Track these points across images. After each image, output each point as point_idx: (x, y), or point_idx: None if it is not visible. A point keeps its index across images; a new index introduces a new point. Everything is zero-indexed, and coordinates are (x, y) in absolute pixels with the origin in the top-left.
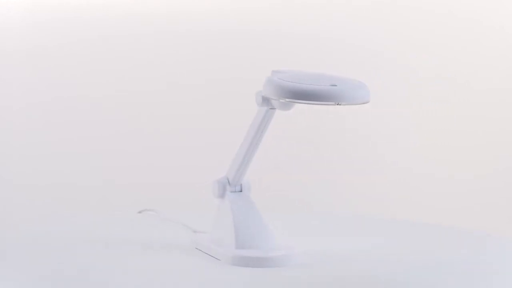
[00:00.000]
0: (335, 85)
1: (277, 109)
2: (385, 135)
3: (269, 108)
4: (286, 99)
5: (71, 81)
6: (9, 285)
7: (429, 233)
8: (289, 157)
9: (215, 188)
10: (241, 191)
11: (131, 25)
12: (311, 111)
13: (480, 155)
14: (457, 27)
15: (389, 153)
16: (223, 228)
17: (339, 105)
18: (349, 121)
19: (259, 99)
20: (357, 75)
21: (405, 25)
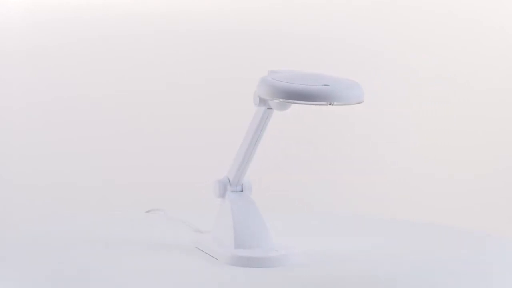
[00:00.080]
0: (328, 85)
1: (274, 109)
2: (385, 135)
3: (267, 108)
4: (279, 99)
5: (71, 81)
6: (9, 285)
7: (429, 233)
8: (289, 157)
9: (216, 187)
10: (242, 191)
11: (131, 25)
12: (311, 111)
13: (480, 155)
14: (457, 27)
15: (389, 153)
16: (223, 228)
17: (332, 105)
18: (349, 121)
19: (256, 100)
20: (357, 75)
21: (405, 25)
